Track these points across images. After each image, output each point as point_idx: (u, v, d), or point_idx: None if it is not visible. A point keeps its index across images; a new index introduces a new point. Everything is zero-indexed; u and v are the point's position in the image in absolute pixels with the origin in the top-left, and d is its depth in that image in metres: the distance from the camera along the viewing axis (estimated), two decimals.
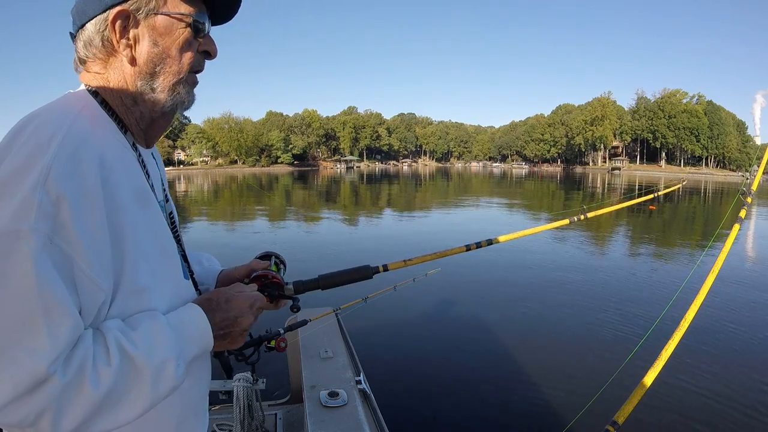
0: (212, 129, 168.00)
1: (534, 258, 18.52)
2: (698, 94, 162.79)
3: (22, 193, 1.17)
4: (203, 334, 1.52)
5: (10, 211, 1.16)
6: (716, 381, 8.22)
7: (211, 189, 72.34)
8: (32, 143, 1.24)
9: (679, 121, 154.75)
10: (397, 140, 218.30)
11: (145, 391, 1.30)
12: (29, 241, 1.15)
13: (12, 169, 1.21)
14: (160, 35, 1.53)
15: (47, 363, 1.13)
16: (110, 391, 1.22)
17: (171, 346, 1.38)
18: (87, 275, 1.25)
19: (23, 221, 1.16)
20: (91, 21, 1.50)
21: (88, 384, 1.19)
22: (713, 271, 3.22)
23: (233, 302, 1.64)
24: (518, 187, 77.34)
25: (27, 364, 1.12)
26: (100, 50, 1.52)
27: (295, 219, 32.66)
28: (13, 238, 1.15)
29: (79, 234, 1.23)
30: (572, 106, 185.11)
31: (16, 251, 1.14)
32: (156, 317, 1.42)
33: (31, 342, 1.14)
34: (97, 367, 1.22)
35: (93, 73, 1.56)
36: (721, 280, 10.87)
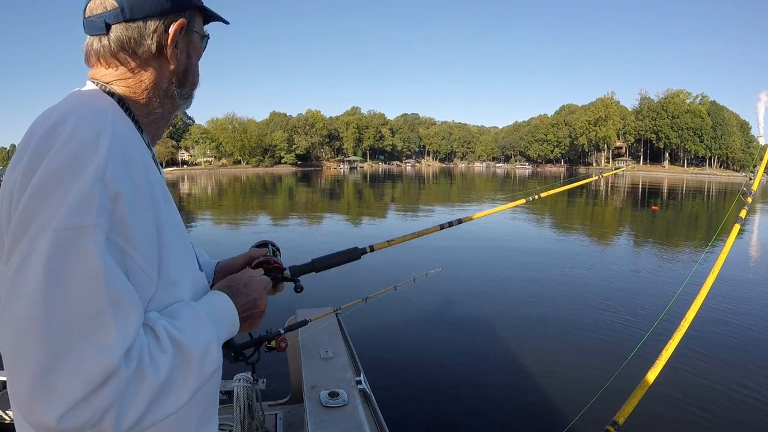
0: (216, 129, 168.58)
1: (534, 258, 18.57)
2: (702, 95, 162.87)
3: (79, 188, 1.17)
4: (232, 318, 1.60)
5: (68, 205, 1.15)
6: (717, 381, 8.24)
7: (215, 189, 72.45)
8: (80, 139, 1.24)
9: (683, 121, 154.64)
10: (401, 141, 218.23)
11: (194, 375, 1.33)
12: (94, 237, 1.16)
13: (61, 163, 1.20)
14: (193, 49, 1.71)
15: (118, 356, 1.14)
16: (167, 378, 1.25)
17: (210, 330, 1.45)
18: (141, 268, 1.30)
19: (86, 216, 1.16)
20: (147, 21, 1.53)
21: (149, 373, 1.20)
22: (714, 271, 3.22)
23: (251, 286, 1.74)
24: (521, 187, 77.21)
25: (97, 359, 1.11)
26: (148, 51, 1.56)
27: (297, 219, 32.63)
28: (78, 234, 1.14)
29: (135, 230, 1.27)
30: (576, 107, 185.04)
31: (83, 247, 1.14)
32: (191, 306, 1.48)
33: (100, 336, 1.13)
34: (154, 356, 1.24)
35: (121, 69, 1.56)
36: (721, 280, 10.86)
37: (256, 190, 65.69)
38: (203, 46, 1.77)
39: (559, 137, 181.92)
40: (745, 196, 3.50)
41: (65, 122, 1.28)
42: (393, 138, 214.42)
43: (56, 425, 1.08)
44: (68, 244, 1.14)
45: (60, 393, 1.08)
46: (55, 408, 1.07)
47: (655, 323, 4.38)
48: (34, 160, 1.23)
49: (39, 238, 1.14)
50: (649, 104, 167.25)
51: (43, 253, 1.12)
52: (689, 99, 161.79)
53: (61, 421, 1.08)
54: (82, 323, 1.13)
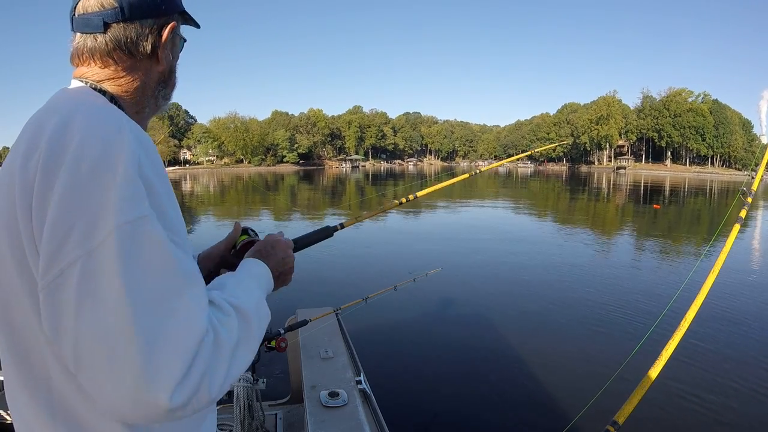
0: (218, 128, 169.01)
1: (534, 258, 18.58)
2: (704, 93, 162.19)
3: (122, 182, 1.20)
4: (268, 278, 1.71)
5: (119, 201, 1.18)
6: (717, 381, 8.26)
7: (217, 188, 72.61)
8: (102, 136, 1.25)
9: (685, 120, 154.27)
10: (403, 139, 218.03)
11: (256, 331, 1.41)
12: (154, 224, 1.22)
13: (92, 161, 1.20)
14: (175, 52, 1.75)
15: (203, 326, 1.21)
16: (238, 339, 1.31)
17: (256, 289, 1.56)
18: (185, 250, 1.34)
19: (140, 207, 1.20)
20: (144, 21, 1.57)
21: (224, 337, 1.26)
22: (714, 271, 3.21)
23: (277, 247, 1.85)
24: (524, 187, 77.27)
25: (188, 333, 1.18)
26: (143, 51, 1.59)
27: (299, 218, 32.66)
28: (139, 225, 1.19)
29: (170, 215, 1.33)
30: (578, 105, 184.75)
31: (148, 235, 1.20)
32: (232, 275, 1.61)
33: (185, 312, 1.20)
34: (222, 321, 1.29)
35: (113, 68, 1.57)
36: (722, 280, 10.85)
37: (258, 189, 65.80)
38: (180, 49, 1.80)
39: (561, 136, 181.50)
40: (745, 196, 3.50)
41: (76, 120, 1.28)
42: (395, 137, 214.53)
43: (169, 405, 1.12)
44: (135, 236, 1.17)
45: (165, 374, 1.12)
46: (164, 390, 1.11)
47: (655, 323, 4.37)
48: (52, 162, 1.21)
49: (95, 238, 1.15)
50: (651, 103, 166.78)
51: (113, 249, 1.14)
52: (691, 97, 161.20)
53: (173, 400, 1.12)
54: (168, 305, 1.18)
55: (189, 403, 1.16)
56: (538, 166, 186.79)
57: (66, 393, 1.31)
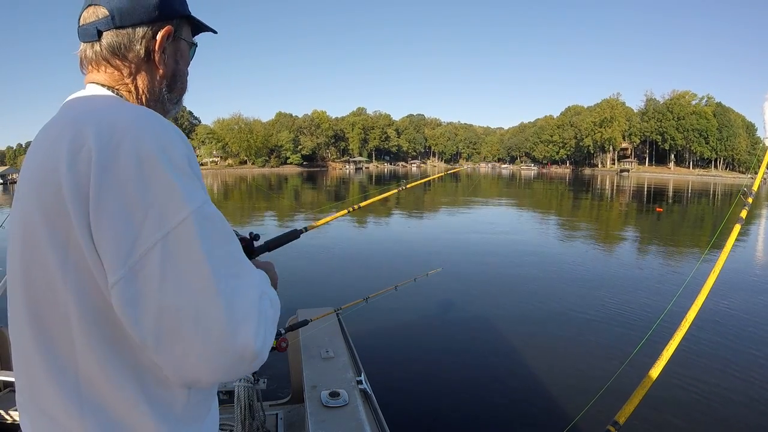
0: (222, 130, 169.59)
1: (535, 258, 18.62)
2: (707, 96, 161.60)
3: (182, 174, 1.31)
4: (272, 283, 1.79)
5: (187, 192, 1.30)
6: (718, 381, 8.27)
7: (221, 189, 72.78)
8: (154, 130, 1.34)
9: (688, 122, 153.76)
10: (406, 141, 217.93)
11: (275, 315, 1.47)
12: (213, 207, 1.36)
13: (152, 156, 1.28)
14: (181, 56, 1.77)
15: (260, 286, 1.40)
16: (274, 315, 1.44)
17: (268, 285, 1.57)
18: None
19: (200, 196, 1.33)
20: (136, 28, 1.60)
21: (267, 313, 1.38)
22: (714, 271, 3.21)
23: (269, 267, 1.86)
24: (528, 189, 77.25)
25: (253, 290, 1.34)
26: (138, 57, 1.63)
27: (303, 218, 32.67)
28: (206, 209, 1.32)
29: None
30: (581, 108, 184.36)
31: (213, 213, 1.34)
32: None
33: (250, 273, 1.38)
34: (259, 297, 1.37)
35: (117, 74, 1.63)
36: (722, 280, 10.90)
37: (261, 190, 65.87)
38: (191, 54, 1.84)
39: (565, 138, 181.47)
40: (745, 197, 3.50)
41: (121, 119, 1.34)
42: (398, 139, 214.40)
43: (255, 348, 1.27)
44: (206, 216, 1.31)
45: (248, 324, 1.27)
46: (250, 336, 1.27)
47: (655, 323, 4.37)
48: (107, 159, 1.27)
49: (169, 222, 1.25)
50: (654, 105, 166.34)
51: (191, 230, 1.27)
52: (695, 100, 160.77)
53: (256, 344, 1.28)
54: (236, 268, 1.34)
55: (263, 349, 1.31)
56: (541, 169, 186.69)
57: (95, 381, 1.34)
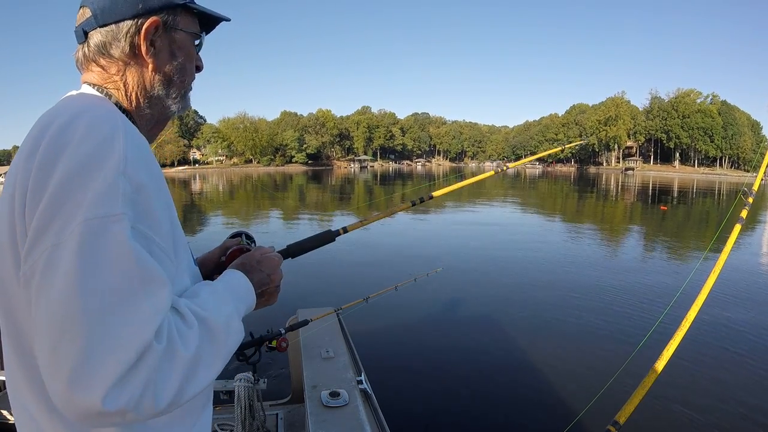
0: (227, 129, 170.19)
1: (536, 257, 18.58)
2: (712, 94, 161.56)
3: (103, 180, 1.21)
4: (249, 293, 1.64)
5: (94, 197, 1.19)
6: (718, 381, 8.28)
7: (226, 188, 72.97)
8: (97, 135, 1.27)
9: (693, 121, 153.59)
10: (411, 140, 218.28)
11: (222, 349, 1.38)
12: (122, 223, 1.20)
13: (82, 159, 1.22)
14: (179, 48, 1.70)
15: (152, 331, 1.17)
16: (197, 351, 1.28)
17: (231, 305, 1.49)
18: (165, 252, 1.35)
19: (112, 206, 1.19)
20: (120, 24, 1.56)
21: (180, 347, 1.23)
22: (715, 271, 3.21)
23: (264, 263, 1.79)
24: (533, 188, 77.23)
25: (133, 336, 1.14)
26: (123, 53, 1.59)
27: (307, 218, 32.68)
28: (106, 222, 1.17)
29: (157, 218, 1.34)
30: (586, 106, 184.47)
31: (112, 233, 1.17)
32: (209, 284, 1.55)
33: (134, 315, 1.16)
34: (182, 332, 1.26)
35: (106, 73, 1.61)
36: (723, 280, 10.85)
37: (266, 189, 65.94)
38: (197, 44, 1.78)
39: (570, 137, 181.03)
40: (746, 196, 3.49)
41: (78, 120, 1.30)
42: (403, 137, 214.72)
43: (101, 407, 1.08)
44: (98, 232, 1.16)
45: (101, 373, 1.09)
46: (97, 389, 1.08)
47: (656, 323, 4.36)
48: (48, 159, 1.24)
49: (66, 231, 1.16)
50: (659, 104, 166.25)
51: (74, 243, 1.14)
52: (700, 98, 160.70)
53: (106, 402, 1.09)
54: (118, 304, 1.15)
55: (127, 410, 1.13)
56: (546, 167, 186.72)
57: None
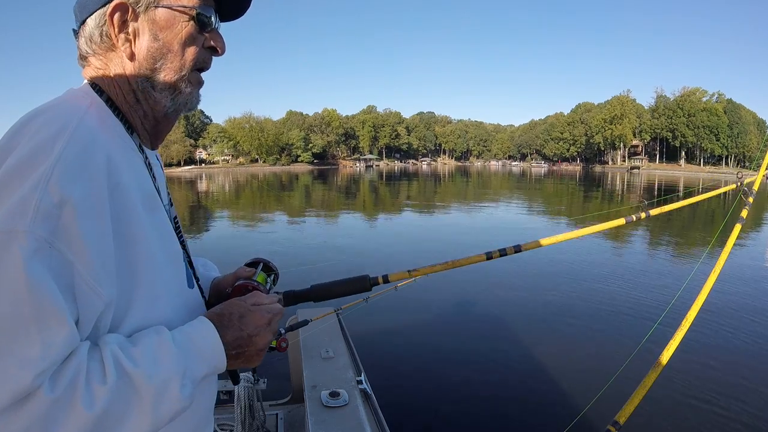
0: (233, 128, 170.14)
1: (538, 257, 18.51)
2: (718, 93, 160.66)
3: (20, 192, 1.10)
4: (214, 353, 1.40)
5: (5, 210, 1.08)
6: (718, 381, 8.25)
7: (232, 187, 73.14)
8: (36, 141, 1.17)
9: (699, 119, 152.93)
10: (417, 139, 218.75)
11: (146, 414, 1.18)
12: (22, 243, 1.06)
13: (12, 167, 1.14)
14: (161, 29, 1.47)
15: (33, 373, 1.03)
16: (105, 412, 1.11)
17: (176, 365, 1.27)
18: (87, 283, 1.15)
19: (18, 222, 1.07)
20: (92, 16, 1.45)
21: (80, 403, 1.08)
22: (715, 271, 3.19)
23: (247, 318, 1.50)
24: (538, 187, 77.18)
25: (10, 374, 1.02)
26: (99, 45, 1.47)
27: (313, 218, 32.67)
28: (5, 239, 1.06)
29: (84, 239, 1.14)
30: (592, 105, 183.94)
31: (8, 252, 1.05)
32: (161, 332, 1.32)
33: (17, 350, 1.04)
34: (91, 384, 1.11)
35: (96, 68, 1.50)
36: (723, 280, 10.84)
37: (272, 189, 66.03)
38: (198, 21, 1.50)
39: (575, 135, 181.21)
40: (746, 196, 3.48)
41: (33, 121, 1.24)
42: (409, 136, 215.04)
43: None
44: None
45: None
46: None
47: (656, 323, 4.35)
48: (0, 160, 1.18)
49: None
50: (665, 102, 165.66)
51: None
52: (705, 97, 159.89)
53: None
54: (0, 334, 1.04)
55: None
56: (551, 166, 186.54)
57: None
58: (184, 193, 57.56)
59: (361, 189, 66.89)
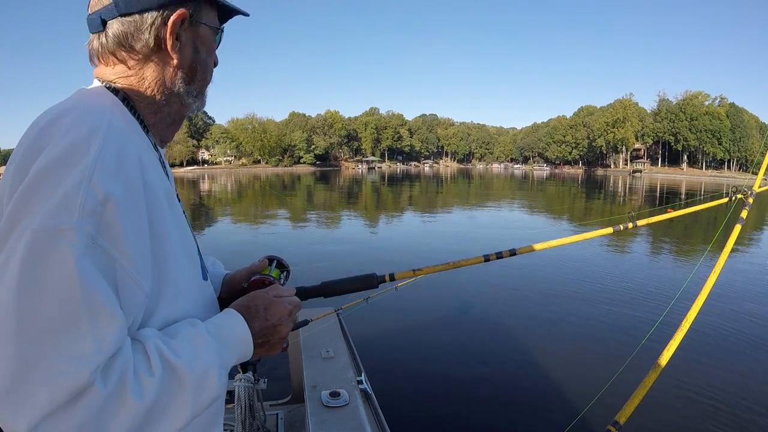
0: (236, 129, 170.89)
1: (539, 257, 18.52)
2: (720, 96, 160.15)
3: (63, 189, 1.11)
4: (244, 342, 1.48)
5: (49, 208, 1.09)
6: (719, 381, 8.26)
7: (234, 188, 73.21)
8: (69, 140, 1.18)
9: (701, 123, 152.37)
10: (419, 141, 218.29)
11: (188, 402, 1.23)
12: (72, 240, 1.08)
13: (47, 165, 1.14)
14: (202, 43, 1.60)
15: (90, 369, 1.05)
16: (154, 403, 1.15)
17: (213, 355, 1.34)
18: (131, 276, 1.20)
19: (66, 218, 1.08)
20: (144, 14, 1.46)
21: (131, 395, 1.11)
22: (714, 271, 3.20)
23: (272, 309, 1.58)
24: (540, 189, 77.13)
25: (68, 371, 1.03)
26: (147, 46, 1.48)
27: (312, 221, 32.67)
28: (53, 237, 1.07)
29: (126, 235, 1.18)
30: (594, 108, 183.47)
31: (58, 250, 1.06)
32: (195, 325, 1.39)
33: (73, 347, 1.05)
34: (140, 377, 1.15)
35: (122, 67, 1.50)
36: (723, 280, 10.88)
37: (274, 191, 66.02)
38: (217, 40, 1.69)
39: (578, 139, 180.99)
40: (746, 197, 3.48)
41: (60, 120, 1.23)
42: (411, 139, 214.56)
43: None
44: (44, 247, 1.07)
45: (30, 404, 1.01)
46: (25, 419, 1.01)
47: (656, 323, 4.36)
48: (26, 160, 1.18)
49: (20, 241, 1.08)
50: (667, 106, 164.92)
51: (20, 255, 1.06)
52: (708, 101, 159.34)
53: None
54: (54, 332, 1.05)
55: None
56: (553, 169, 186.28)
57: None
58: (187, 194, 57.59)
59: (363, 191, 66.88)
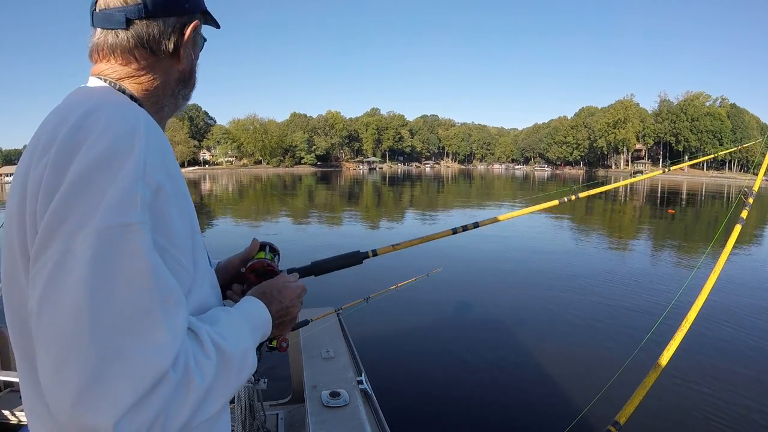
0: (237, 130, 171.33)
1: (538, 258, 18.55)
2: (721, 97, 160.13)
3: (120, 184, 1.14)
4: (266, 324, 1.58)
5: (111, 203, 1.12)
6: (719, 381, 8.28)
7: (236, 188, 73.31)
8: (113, 134, 1.20)
9: (702, 124, 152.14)
10: (420, 142, 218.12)
11: (233, 381, 1.31)
12: (140, 234, 1.13)
13: (97, 159, 1.16)
14: (196, 51, 1.72)
15: (171, 357, 1.11)
16: (211, 384, 1.21)
17: (248, 337, 1.43)
18: (179, 263, 1.29)
19: (131, 214, 1.13)
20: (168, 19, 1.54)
21: (196, 378, 1.16)
22: (715, 271, 3.20)
23: (284, 293, 1.70)
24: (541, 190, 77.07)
25: (149, 361, 1.08)
26: (164, 50, 1.56)
27: (311, 219, 32.68)
28: (122, 233, 1.11)
29: (173, 224, 1.26)
30: (595, 109, 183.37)
31: (129, 245, 1.11)
32: (229, 311, 1.47)
33: (152, 337, 1.10)
34: (199, 362, 1.20)
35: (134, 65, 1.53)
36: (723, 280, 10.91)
37: (275, 191, 66.03)
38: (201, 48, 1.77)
39: (579, 139, 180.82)
40: (746, 197, 3.48)
41: (94, 117, 1.23)
42: (412, 139, 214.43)
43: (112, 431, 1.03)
44: (114, 243, 1.10)
45: (113, 398, 1.03)
46: (109, 413, 1.02)
47: (656, 324, 4.36)
48: (63, 158, 1.17)
49: (77, 238, 1.08)
50: (668, 107, 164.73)
51: (86, 252, 1.07)
52: (709, 101, 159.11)
53: (117, 428, 1.03)
54: (133, 324, 1.08)
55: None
56: (554, 170, 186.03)
57: None
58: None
59: (364, 191, 66.87)
